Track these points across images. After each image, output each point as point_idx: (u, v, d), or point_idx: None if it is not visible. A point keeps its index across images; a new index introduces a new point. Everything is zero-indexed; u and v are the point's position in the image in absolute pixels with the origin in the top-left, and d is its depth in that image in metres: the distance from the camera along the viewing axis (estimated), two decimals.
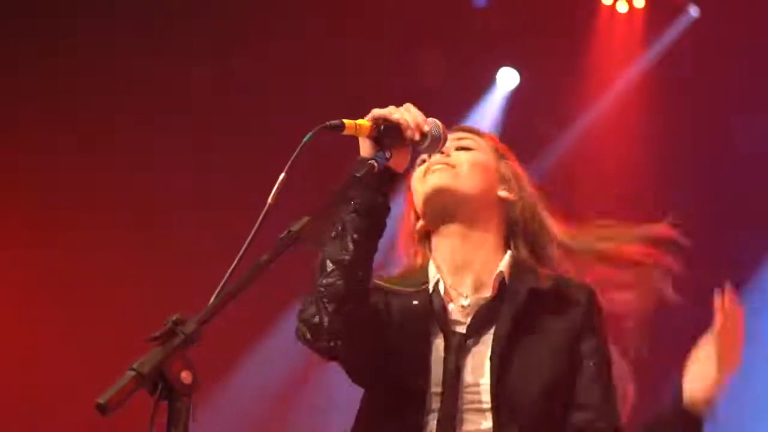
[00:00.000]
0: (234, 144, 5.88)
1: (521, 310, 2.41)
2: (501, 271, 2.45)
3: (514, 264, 2.48)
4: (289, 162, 2.11)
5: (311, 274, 2.39)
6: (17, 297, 5.81)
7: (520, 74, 5.90)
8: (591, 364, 2.41)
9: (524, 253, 2.53)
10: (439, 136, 2.40)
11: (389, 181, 2.40)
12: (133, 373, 1.73)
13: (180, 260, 5.71)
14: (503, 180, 2.57)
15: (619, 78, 6.16)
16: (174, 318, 1.80)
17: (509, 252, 2.51)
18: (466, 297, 2.45)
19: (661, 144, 5.97)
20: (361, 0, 5.98)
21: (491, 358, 2.35)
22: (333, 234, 2.37)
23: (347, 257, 2.33)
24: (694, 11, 6.06)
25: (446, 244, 2.52)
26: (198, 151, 5.91)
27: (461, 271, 2.49)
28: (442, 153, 2.50)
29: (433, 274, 2.48)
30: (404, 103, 2.40)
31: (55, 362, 5.64)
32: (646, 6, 6.12)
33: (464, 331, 2.40)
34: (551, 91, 5.94)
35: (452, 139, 2.53)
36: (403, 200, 2.62)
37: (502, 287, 2.44)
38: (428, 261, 2.53)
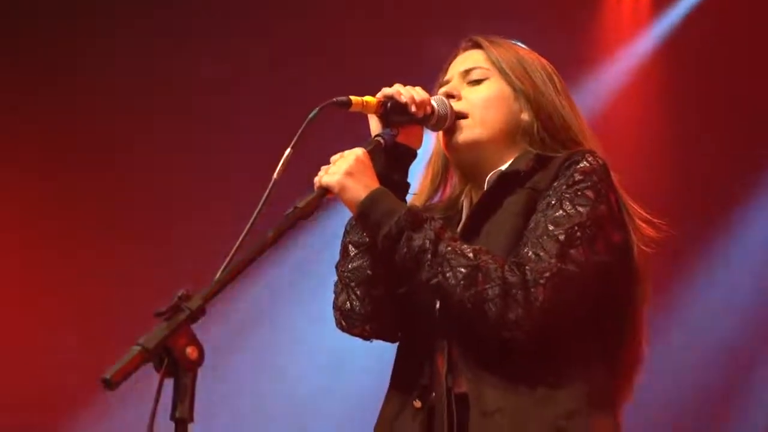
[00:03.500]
0: (240, 127, 5.87)
1: (487, 193, 2.35)
2: (498, 170, 2.39)
3: (520, 156, 2.39)
4: (295, 137, 2.11)
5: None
6: (19, 294, 5.81)
7: (526, 47, 5.88)
8: (540, 216, 2.24)
9: (550, 146, 2.40)
10: (446, 113, 2.41)
11: (404, 158, 2.40)
12: (138, 348, 1.73)
13: (186, 237, 5.69)
14: (522, 100, 2.45)
15: (625, 59, 6.13)
16: (180, 293, 1.80)
17: (522, 151, 2.41)
18: None
19: (667, 125, 5.96)
20: None
21: None
22: (353, 221, 2.38)
23: (368, 238, 2.33)
24: None
25: (478, 177, 2.45)
26: (201, 136, 5.90)
27: (482, 183, 2.44)
28: (453, 96, 2.44)
29: (461, 200, 2.48)
30: (408, 84, 2.39)
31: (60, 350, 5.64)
32: None
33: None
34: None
35: (462, 72, 2.49)
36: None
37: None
38: (462, 189, 2.51)
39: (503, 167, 2.40)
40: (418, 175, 2.51)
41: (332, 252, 2.46)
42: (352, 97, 2.28)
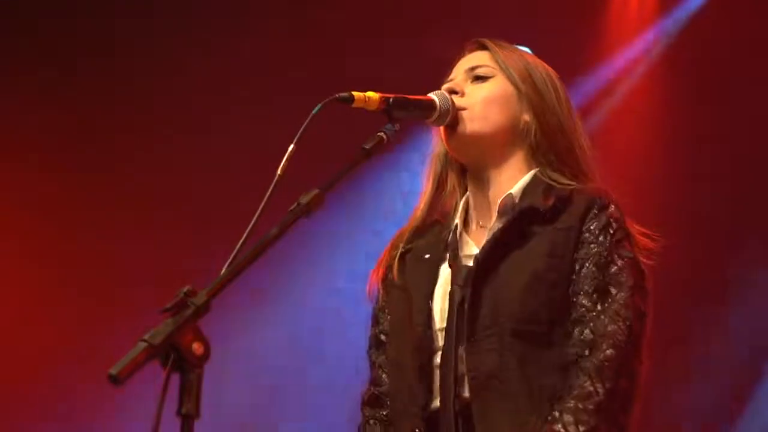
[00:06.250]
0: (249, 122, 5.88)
1: (506, 229, 2.35)
2: (510, 194, 2.40)
3: (531, 183, 2.41)
4: (298, 134, 2.13)
5: None
6: (25, 292, 5.83)
7: (532, 53, 5.88)
8: (592, 268, 2.30)
9: (556, 169, 2.43)
10: (448, 108, 2.43)
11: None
12: (144, 344, 1.73)
13: (191, 231, 5.71)
14: (525, 101, 2.47)
15: (631, 57, 6.13)
16: (185, 289, 1.81)
17: (531, 172, 2.43)
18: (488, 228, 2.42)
19: (672, 123, 5.95)
20: None
21: (473, 279, 2.31)
22: None
23: None
24: None
25: (477, 180, 2.48)
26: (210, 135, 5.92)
27: (487, 202, 2.45)
28: (456, 93, 2.46)
29: (458, 214, 2.47)
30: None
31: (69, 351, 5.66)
32: None
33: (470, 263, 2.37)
34: (563, 71, 5.89)
35: (467, 69, 2.52)
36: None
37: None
38: (460, 200, 2.51)
39: (513, 190, 2.41)
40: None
41: None
42: (355, 93, 2.29)
